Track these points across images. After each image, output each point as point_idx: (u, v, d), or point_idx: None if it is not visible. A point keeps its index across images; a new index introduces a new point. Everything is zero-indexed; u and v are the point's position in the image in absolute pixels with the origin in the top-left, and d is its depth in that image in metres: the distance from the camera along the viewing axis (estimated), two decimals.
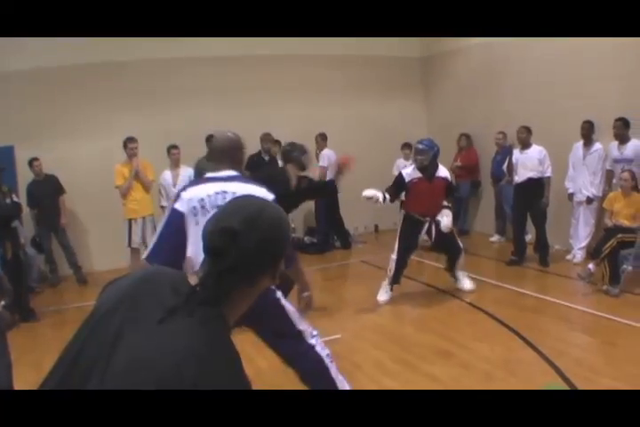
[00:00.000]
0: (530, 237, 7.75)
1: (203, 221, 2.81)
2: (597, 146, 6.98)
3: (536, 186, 7.18)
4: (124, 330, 1.24)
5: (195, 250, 2.91)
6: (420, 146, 5.86)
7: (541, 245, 7.35)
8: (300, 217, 9.68)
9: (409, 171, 5.97)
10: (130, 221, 7.27)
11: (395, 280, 6.06)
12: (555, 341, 4.85)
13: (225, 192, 2.99)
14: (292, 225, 9.53)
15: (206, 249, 1.32)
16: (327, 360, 3.23)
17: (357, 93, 9.81)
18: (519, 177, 7.31)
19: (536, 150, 7.24)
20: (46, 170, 7.71)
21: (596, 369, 4.17)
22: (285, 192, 4.97)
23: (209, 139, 7.66)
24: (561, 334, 5.09)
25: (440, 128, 10.02)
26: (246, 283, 1.34)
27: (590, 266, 5.89)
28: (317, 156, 8.79)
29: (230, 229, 1.29)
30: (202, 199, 2.98)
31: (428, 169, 5.83)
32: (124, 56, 8.27)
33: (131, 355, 1.19)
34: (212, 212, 2.60)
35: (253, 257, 1.30)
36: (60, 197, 7.76)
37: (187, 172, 7.74)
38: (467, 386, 3.93)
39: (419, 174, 5.87)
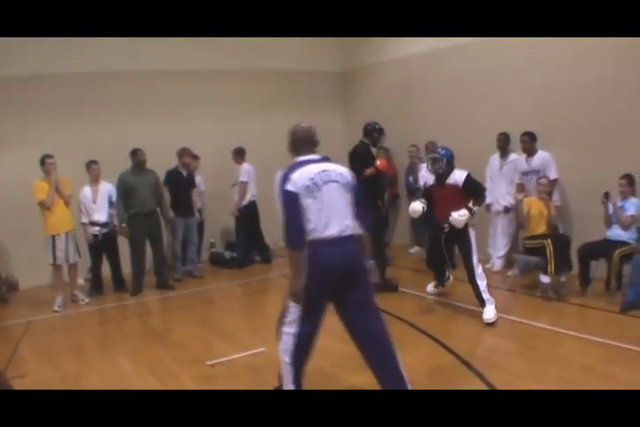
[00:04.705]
0: None
1: (318, 195, 3.37)
2: (514, 156, 7.15)
3: None
4: None
5: (315, 220, 3.37)
6: (435, 155, 5.86)
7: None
8: (219, 232, 9.49)
9: (429, 177, 6.09)
10: (53, 237, 6.93)
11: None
12: (475, 347, 4.89)
13: (327, 170, 3.47)
14: (212, 240, 9.33)
15: None
16: None
17: (276, 108, 9.71)
18: None
19: None
20: None
21: (517, 373, 4.17)
22: (366, 164, 6.44)
23: (134, 152, 7.47)
24: (481, 341, 5.13)
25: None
26: None
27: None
28: (237, 170, 8.64)
29: None
30: (312, 178, 3.38)
31: (441, 176, 5.81)
32: (44, 69, 7.98)
33: None
34: (324, 186, 3.37)
35: None
36: None
37: (106, 187, 7.57)
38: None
39: (433, 181, 5.94)
